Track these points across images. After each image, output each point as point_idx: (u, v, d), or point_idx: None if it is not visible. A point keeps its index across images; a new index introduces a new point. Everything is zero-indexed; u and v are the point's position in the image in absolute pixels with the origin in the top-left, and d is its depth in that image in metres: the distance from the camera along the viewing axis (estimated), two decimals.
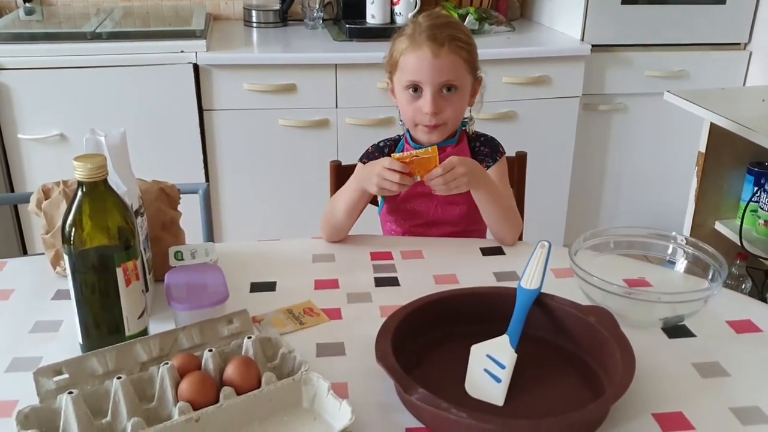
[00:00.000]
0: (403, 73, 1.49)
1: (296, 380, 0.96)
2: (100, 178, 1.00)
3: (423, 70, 1.46)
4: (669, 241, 1.31)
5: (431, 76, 1.46)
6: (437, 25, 1.47)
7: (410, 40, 1.48)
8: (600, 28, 2.84)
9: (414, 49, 1.47)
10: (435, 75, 1.46)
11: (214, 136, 2.66)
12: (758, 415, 0.97)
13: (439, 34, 1.45)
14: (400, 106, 1.54)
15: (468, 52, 1.49)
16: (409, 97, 1.50)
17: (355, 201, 1.46)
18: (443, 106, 1.48)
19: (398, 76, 1.51)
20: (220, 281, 1.16)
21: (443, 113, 1.48)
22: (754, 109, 2.38)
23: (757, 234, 2.48)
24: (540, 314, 1.11)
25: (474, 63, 1.52)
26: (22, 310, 1.23)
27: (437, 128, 1.50)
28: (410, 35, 1.48)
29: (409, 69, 1.48)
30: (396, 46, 1.51)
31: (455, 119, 1.52)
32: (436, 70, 1.45)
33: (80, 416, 0.88)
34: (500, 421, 0.92)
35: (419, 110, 1.49)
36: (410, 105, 1.50)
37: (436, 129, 1.50)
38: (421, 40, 1.46)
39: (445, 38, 1.45)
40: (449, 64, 1.46)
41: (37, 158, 2.55)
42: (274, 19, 3.06)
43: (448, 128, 1.53)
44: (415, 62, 1.46)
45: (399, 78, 1.51)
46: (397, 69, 1.51)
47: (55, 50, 2.48)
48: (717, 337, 1.16)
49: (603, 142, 3.03)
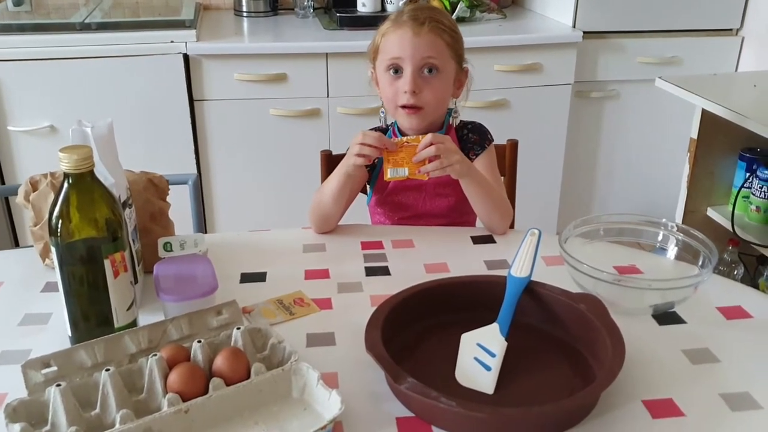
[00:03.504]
0: (384, 53, 1.50)
1: (286, 370, 0.96)
2: (86, 169, 0.99)
3: (403, 48, 1.46)
4: (659, 228, 1.31)
5: (411, 51, 1.46)
6: (419, 8, 1.50)
7: (392, 22, 1.50)
8: (592, 14, 2.83)
9: (395, 29, 1.48)
10: (415, 51, 1.46)
11: (204, 126, 2.65)
12: (748, 401, 0.97)
13: (420, 15, 1.47)
14: (382, 90, 1.54)
15: (450, 37, 1.49)
16: (390, 79, 1.50)
17: (340, 186, 1.45)
18: (423, 86, 1.47)
19: (380, 59, 1.52)
20: (209, 272, 1.16)
21: (423, 94, 1.47)
22: (746, 95, 2.38)
23: (749, 220, 2.48)
24: (530, 302, 1.11)
25: (457, 50, 1.51)
26: (11, 302, 1.23)
27: (417, 112, 1.49)
28: (393, 19, 1.51)
29: (390, 48, 1.49)
30: (380, 30, 1.53)
31: (436, 103, 1.50)
32: (416, 46, 1.46)
33: (69, 408, 0.88)
34: (490, 409, 0.92)
35: (399, 91, 1.48)
36: (391, 87, 1.50)
37: (416, 113, 1.49)
38: (402, 21, 1.48)
39: (426, 18, 1.47)
40: (429, 41, 1.46)
41: (27, 150, 2.54)
42: (265, 9, 3.05)
43: (429, 114, 1.51)
44: (395, 40, 1.48)
45: (381, 61, 1.51)
46: (379, 52, 1.52)
47: (44, 41, 2.47)
48: (707, 324, 1.16)
49: (595, 129, 3.02)
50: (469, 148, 1.55)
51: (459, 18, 2.89)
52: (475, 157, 1.55)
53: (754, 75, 2.71)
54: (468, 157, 1.52)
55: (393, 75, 1.49)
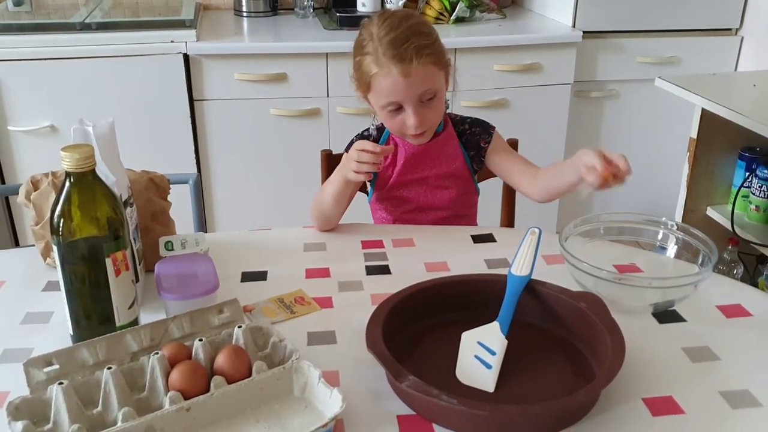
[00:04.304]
0: (379, 95, 1.46)
1: (287, 369, 0.96)
2: (87, 168, 1.00)
3: (399, 92, 1.43)
4: (659, 227, 1.31)
5: (408, 94, 1.43)
6: (398, 40, 1.40)
7: (377, 63, 1.42)
8: (591, 14, 2.83)
9: (384, 74, 1.41)
10: (412, 91, 1.42)
11: (205, 126, 2.65)
12: (748, 398, 0.97)
13: (404, 52, 1.39)
14: (383, 121, 1.52)
15: (434, 54, 1.43)
16: (391, 114, 1.47)
17: (340, 190, 1.46)
18: (426, 114, 1.46)
19: (374, 97, 1.48)
20: (210, 271, 1.16)
21: (427, 120, 1.47)
22: (745, 95, 2.38)
23: (748, 219, 2.48)
24: (531, 301, 1.11)
25: (442, 59, 1.47)
26: (13, 301, 1.23)
27: (424, 133, 1.51)
28: (374, 55, 1.42)
29: (384, 92, 1.44)
30: (363, 67, 1.46)
31: (439, 118, 1.52)
32: (410, 87, 1.42)
33: (71, 406, 0.88)
34: (491, 407, 0.92)
35: (403, 123, 1.47)
36: (393, 120, 1.48)
37: (424, 134, 1.51)
38: (387, 63, 1.41)
39: (411, 53, 1.39)
40: (422, 76, 1.42)
41: (27, 150, 2.54)
42: (265, 8, 3.05)
43: (434, 128, 1.53)
44: (389, 86, 1.42)
45: (375, 99, 1.48)
46: (371, 90, 1.47)
47: (44, 41, 2.47)
48: (707, 322, 1.16)
49: (595, 129, 3.03)
50: (477, 139, 1.56)
51: (458, 18, 2.89)
52: (487, 145, 1.57)
53: (753, 75, 2.71)
54: (480, 146, 1.54)
55: (393, 111, 1.47)
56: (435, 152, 1.56)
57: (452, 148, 1.57)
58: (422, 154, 1.55)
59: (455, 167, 1.57)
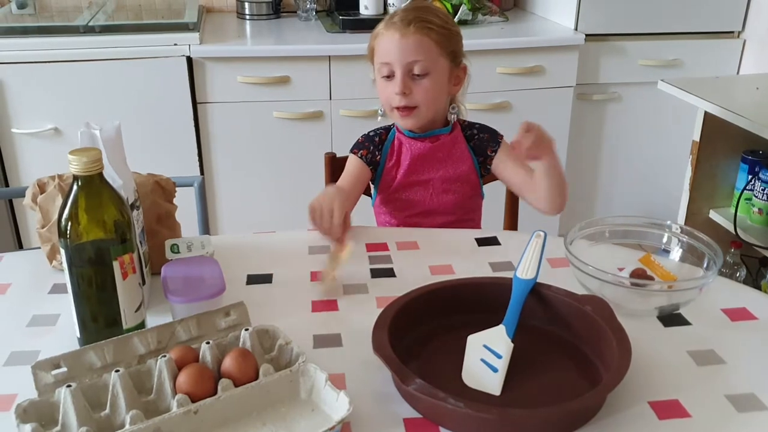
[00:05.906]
0: (377, 57, 1.53)
1: (294, 371, 0.96)
2: (95, 171, 1.00)
3: (391, 51, 1.49)
4: (664, 230, 1.31)
5: (398, 55, 1.48)
6: (409, 8, 1.52)
7: (384, 24, 1.53)
8: (594, 17, 2.84)
9: (385, 31, 1.51)
10: (402, 54, 1.48)
11: (208, 128, 2.66)
12: (754, 402, 0.97)
13: (407, 16, 1.49)
14: (379, 93, 1.57)
15: (439, 35, 1.50)
16: (384, 83, 1.53)
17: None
18: (413, 87, 1.50)
19: (375, 62, 1.55)
20: (216, 274, 1.16)
21: (413, 95, 1.50)
22: (747, 98, 2.38)
23: (751, 222, 2.48)
24: (536, 304, 1.12)
25: (449, 47, 1.52)
26: (19, 304, 1.23)
27: (410, 113, 1.52)
28: (385, 22, 1.53)
29: (381, 51, 1.52)
30: (374, 33, 1.55)
31: (427, 103, 1.52)
32: (402, 49, 1.48)
33: (79, 409, 0.88)
34: (497, 410, 0.92)
35: (392, 93, 1.51)
36: (384, 90, 1.53)
37: (409, 114, 1.52)
38: (391, 25, 1.50)
39: (413, 19, 1.48)
40: (415, 42, 1.48)
41: (31, 152, 2.55)
42: (267, 11, 3.06)
43: (423, 113, 1.53)
44: (385, 43, 1.50)
45: (375, 64, 1.55)
46: (374, 55, 1.55)
47: (47, 44, 2.48)
48: (712, 325, 1.16)
49: (597, 132, 3.03)
50: (485, 146, 1.57)
51: (461, 21, 2.89)
52: (494, 154, 1.57)
53: (756, 77, 2.71)
54: (487, 155, 1.55)
55: (387, 80, 1.52)
56: (441, 154, 1.56)
57: (459, 152, 1.57)
58: (428, 155, 1.56)
59: (462, 171, 1.58)
